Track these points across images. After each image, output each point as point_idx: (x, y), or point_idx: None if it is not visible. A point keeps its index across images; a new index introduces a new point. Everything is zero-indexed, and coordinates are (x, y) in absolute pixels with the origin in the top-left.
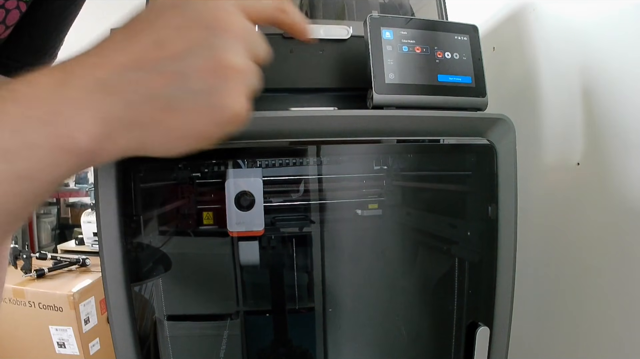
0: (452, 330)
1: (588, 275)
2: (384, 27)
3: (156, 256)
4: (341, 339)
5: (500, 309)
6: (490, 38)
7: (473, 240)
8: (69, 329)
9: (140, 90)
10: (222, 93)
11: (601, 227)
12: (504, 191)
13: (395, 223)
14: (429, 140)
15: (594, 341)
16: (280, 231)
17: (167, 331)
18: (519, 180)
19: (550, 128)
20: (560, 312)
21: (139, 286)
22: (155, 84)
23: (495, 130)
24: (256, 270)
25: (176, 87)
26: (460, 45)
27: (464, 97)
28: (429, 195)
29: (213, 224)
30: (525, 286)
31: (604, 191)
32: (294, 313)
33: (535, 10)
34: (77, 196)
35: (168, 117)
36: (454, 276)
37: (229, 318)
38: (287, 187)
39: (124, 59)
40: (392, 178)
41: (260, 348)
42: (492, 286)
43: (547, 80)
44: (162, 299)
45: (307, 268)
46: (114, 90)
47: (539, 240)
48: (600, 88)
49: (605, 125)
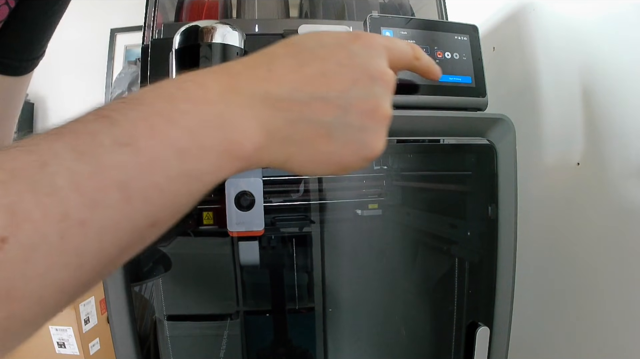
0: (452, 330)
1: (588, 274)
2: (384, 27)
3: (156, 256)
4: (341, 339)
5: (500, 309)
6: (490, 38)
7: (473, 240)
8: (68, 329)
9: (304, 112)
10: (372, 133)
11: (601, 227)
12: (504, 191)
13: (395, 223)
14: (429, 140)
15: (594, 341)
16: (280, 231)
17: (167, 331)
18: (519, 180)
19: (550, 128)
20: (560, 312)
21: (139, 286)
22: (318, 110)
23: (495, 130)
24: (256, 270)
25: (335, 118)
26: (460, 45)
27: (464, 97)
28: (429, 195)
29: (213, 224)
30: (525, 286)
31: (604, 191)
32: (294, 313)
33: (535, 10)
34: None
35: (320, 142)
36: (454, 276)
37: (229, 318)
38: (287, 187)
39: (293, 80)
40: (392, 178)
41: (260, 348)
42: (492, 286)
43: (547, 80)
44: (162, 299)
45: (307, 268)
46: (280, 106)
47: (539, 240)
48: (600, 88)
49: (605, 125)
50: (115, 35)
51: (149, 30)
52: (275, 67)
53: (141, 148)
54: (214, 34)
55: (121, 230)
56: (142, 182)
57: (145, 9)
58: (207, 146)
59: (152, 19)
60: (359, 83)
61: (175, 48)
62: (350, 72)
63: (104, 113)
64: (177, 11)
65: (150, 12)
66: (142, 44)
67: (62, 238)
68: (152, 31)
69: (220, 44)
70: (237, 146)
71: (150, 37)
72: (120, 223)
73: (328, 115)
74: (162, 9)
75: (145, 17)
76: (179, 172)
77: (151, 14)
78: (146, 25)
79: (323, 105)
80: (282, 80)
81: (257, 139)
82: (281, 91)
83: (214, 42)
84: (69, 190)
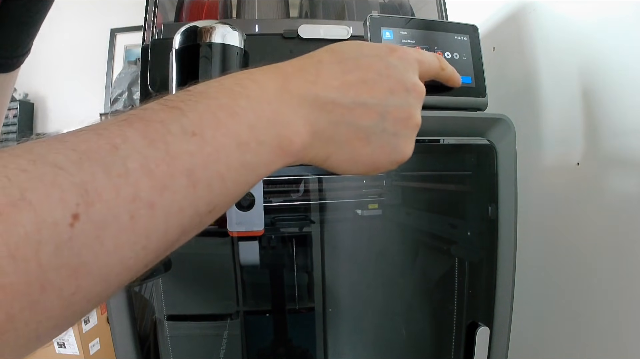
0: (452, 330)
1: (588, 274)
2: (384, 27)
3: None
4: (341, 339)
5: (500, 309)
6: (490, 38)
7: (473, 240)
8: (68, 329)
9: (345, 115)
10: (404, 139)
11: (601, 227)
12: (504, 191)
13: (395, 223)
14: (429, 140)
15: (593, 341)
16: (280, 231)
17: (167, 331)
18: (519, 180)
19: (550, 128)
20: (560, 312)
21: (139, 286)
22: (359, 115)
23: (495, 130)
24: (256, 270)
25: (373, 122)
26: (460, 45)
27: (464, 97)
28: (429, 195)
29: (213, 224)
30: (525, 286)
31: (604, 191)
32: (294, 313)
33: (535, 10)
34: None
35: (358, 144)
36: (454, 276)
37: (229, 318)
38: (287, 187)
39: (337, 86)
40: (392, 178)
41: (260, 348)
42: (492, 286)
43: (547, 80)
44: (162, 299)
45: (307, 268)
46: (325, 108)
47: (539, 240)
48: (600, 88)
49: (605, 125)
50: (115, 35)
51: (149, 30)
52: (322, 72)
53: (207, 139)
54: (214, 34)
55: (185, 214)
56: (207, 170)
57: (145, 9)
58: (263, 140)
59: (152, 19)
60: (396, 93)
61: (175, 48)
62: (388, 82)
63: (171, 104)
64: (177, 11)
65: (150, 12)
66: (142, 44)
67: (132, 218)
68: (152, 31)
69: (220, 43)
70: (288, 142)
71: (150, 37)
72: (185, 208)
73: (367, 119)
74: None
75: (145, 17)
76: (239, 163)
77: (151, 14)
78: (146, 25)
79: (364, 110)
80: (328, 85)
81: (305, 137)
82: (327, 95)
83: (214, 42)
84: (140, 173)
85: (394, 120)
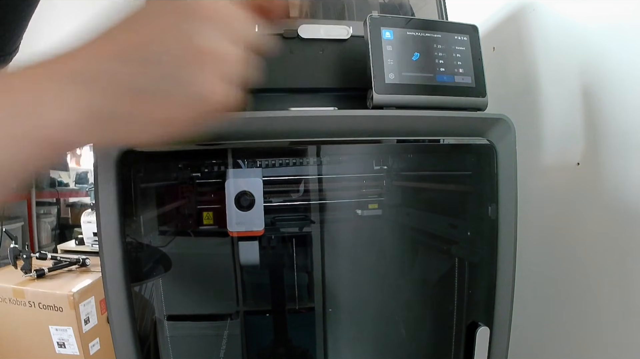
0: (452, 330)
1: (588, 274)
2: (384, 27)
3: (156, 256)
4: (341, 339)
5: (500, 309)
6: (490, 38)
7: (473, 240)
8: (69, 329)
9: (114, 80)
10: (197, 80)
11: (601, 227)
12: (504, 191)
13: (395, 223)
14: (429, 140)
15: (593, 341)
16: (280, 231)
17: (167, 331)
18: (519, 180)
19: (550, 128)
20: (560, 312)
21: (139, 286)
22: (127, 73)
23: (495, 130)
24: (256, 270)
25: (148, 76)
26: (460, 45)
27: (464, 97)
28: (429, 195)
29: (213, 224)
30: (525, 286)
31: (604, 192)
32: (294, 313)
33: (535, 10)
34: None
35: (143, 106)
36: (454, 276)
37: (229, 318)
38: (287, 187)
39: (100, 50)
40: (392, 178)
41: (260, 348)
42: (492, 286)
43: (547, 80)
44: (162, 299)
45: (307, 268)
46: (88, 80)
47: (539, 240)
48: (600, 88)
49: (605, 125)
50: None
51: None
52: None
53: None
54: None
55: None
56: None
57: None
58: (18, 135)
59: None
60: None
61: None
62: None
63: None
64: None
65: None
66: None
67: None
68: None
69: None
70: (43, 131)
71: None
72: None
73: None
74: None
75: None
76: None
77: None
78: None
79: (128, 65)
80: (88, 54)
81: (68, 120)
82: (86, 65)
83: None
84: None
85: (171, 62)
